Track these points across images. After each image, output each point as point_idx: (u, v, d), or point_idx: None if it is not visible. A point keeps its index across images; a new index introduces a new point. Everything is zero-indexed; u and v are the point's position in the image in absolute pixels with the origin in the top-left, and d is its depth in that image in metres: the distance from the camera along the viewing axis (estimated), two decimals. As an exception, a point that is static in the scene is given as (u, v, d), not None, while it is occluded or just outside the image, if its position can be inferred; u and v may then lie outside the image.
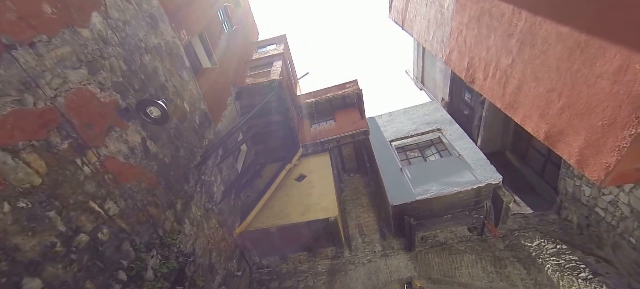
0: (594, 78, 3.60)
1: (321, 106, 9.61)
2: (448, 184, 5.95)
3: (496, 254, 5.95)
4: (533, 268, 5.52)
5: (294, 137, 8.31)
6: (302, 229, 6.53)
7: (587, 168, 3.95)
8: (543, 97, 4.44)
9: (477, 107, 8.36)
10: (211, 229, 5.14)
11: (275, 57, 9.03)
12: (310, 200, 6.86)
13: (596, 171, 3.80)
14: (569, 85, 3.99)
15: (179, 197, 4.23)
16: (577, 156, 4.04)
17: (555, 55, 4.14)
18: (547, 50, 4.29)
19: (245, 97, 7.39)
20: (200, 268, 4.58)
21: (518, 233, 6.20)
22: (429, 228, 6.64)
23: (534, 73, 4.56)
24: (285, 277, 6.65)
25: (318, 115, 9.62)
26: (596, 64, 3.57)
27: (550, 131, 4.37)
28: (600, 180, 3.73)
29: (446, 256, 6.18)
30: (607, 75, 3.40)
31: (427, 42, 8.70)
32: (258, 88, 7.30)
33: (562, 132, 4.19)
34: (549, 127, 4.39)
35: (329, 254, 6.91)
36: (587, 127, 3.79)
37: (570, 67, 3.94)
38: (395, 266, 6.32)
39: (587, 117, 3.77)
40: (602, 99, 3.54)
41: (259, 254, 7.06)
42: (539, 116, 4.57)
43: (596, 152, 3.70)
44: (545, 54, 4.34)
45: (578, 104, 3.89)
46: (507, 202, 5.54)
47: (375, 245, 6.84)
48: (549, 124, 4.39)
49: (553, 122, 4.31)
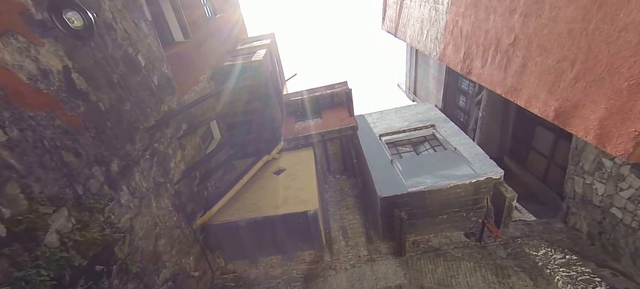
0: (616, 33, 3.10)
1: (307, 104, 9.04)
2: (444, 177, 5.26)
3: (498, 262, 5.15)
4: (541, 279, 4.73)
5: (275, 129, 7.61)
6: (276, 224, 5.64)
7: (609, 143, 3.35)
8: (552, 70, 3.94)
9: (472, 110, 7.92)
10: (162, 210, 4.24)
11: (260, 47, 8.57)
12: (287, 193, 6.02)
13: (622, 144, 3.20)
14: (585, 49, 3.49)
15: (116, 155, 3.40)
16: (596, 130, 3.46)
17: (567, 19, 3.69)
18: (556, 16, 3.84)
19: (222, 78, 6.74)
20: (140, 252, 3.64)
21: (521, 240, 5.46)
22: (421, 230, 5.83)
23: (541, 46, 4.09)
24: (253, 283, 5.62)
25: (304, 113, 9.01)
26: (619, 15, 3.09)
27: (562, 107, 3.82)
28: (627, 154, 3.11)
29: (441, 262, 5.33)
30: (634, 25, 2.93)
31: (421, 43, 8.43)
32: (236, 69, 6.70)
33: (576, 106, 3.64)
34: (559, 103, 3.85)
35: (307, 258, 5.95)
36: (609, 93, 3.24)
37: (585, 28, 3.47)
38: (382, 273, 5.41)
39: (609, 81, 3.23)
40: (628, 55, 3.02)
41: (224, 256, 6.04)
42: (547, 92, 4.04)
43: (621, 120, 3.12)
44: (554, 21, 3.89)
45: (596, 68, 3.37)
46: (510, 199, 4.86)
47: (360, 249, 5.95)
48: (560, 99, 3.85)
49: (565, 96, 3.77)
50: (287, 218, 5.56)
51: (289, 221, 5.59)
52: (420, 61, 10.58)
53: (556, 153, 5.60)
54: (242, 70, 6.70)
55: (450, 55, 6.66)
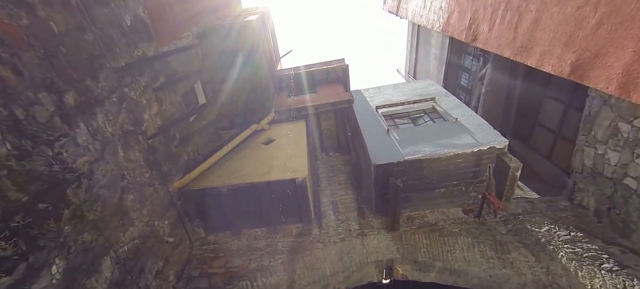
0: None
1: (302, 79, 8.61)
2: (443, 146, 4.89)
3: (497, 238, 4.80)
4: (543, 255, 4.38)
5: (266, 99, 7.19)
6: (261, 192, 5.24)
7: (636, 90, 3.01)
8: (570, 20, 3.53)
9: (474, 88, 7.55)
10: (131, 162, 3.82)
11: (252, 14, 8.10)
12: (275, 162, 5.62)
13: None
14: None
15: (73, 88, 2.97)
16: (620, 79, 3.04)
17: (589, -40, 3.33)
18: (576, -41, 3.48)
19: (210, 39, 6.28)
20: (101, 202, 3.23)
21: (522, 217, 5.11)
22: (417, 205, 5.46)
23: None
24: (234, 255, 5.24)
25: (298, 88, 8.57)
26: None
27: (580, 59, 3.42)
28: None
29: (436, 238, 4.97)
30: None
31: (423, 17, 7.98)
32: (224, 28, 6.24)
33: (596, 56, 3.23)
34: (577, 56, 3.44)
35: (294, 232, 5.57)
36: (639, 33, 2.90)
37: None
38: (373, 247, 5.04)
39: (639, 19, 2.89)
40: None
41: (204, 226, 5.65)
42: (563, 46, 3.64)
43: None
44: (574, -36, 3.54)
45: (624, 8, 3.00)
46: (514, 169, 4.49)
47: (351, 223, 5.58)
48: (578, 50, 3.43)
49: (584, 46, 3.37)
50: (274, 185, 5.16)
51: (276, 189, 5.19)
52: (422, 42, 10.17)
53: (564, 126, 5.23)
54: (232, 31, 6.25)
55: (454, 24, 6.24)
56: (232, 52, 6.32)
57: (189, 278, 4.91)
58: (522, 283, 4.26)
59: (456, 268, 4.59)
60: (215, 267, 5.06)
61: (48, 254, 2.61)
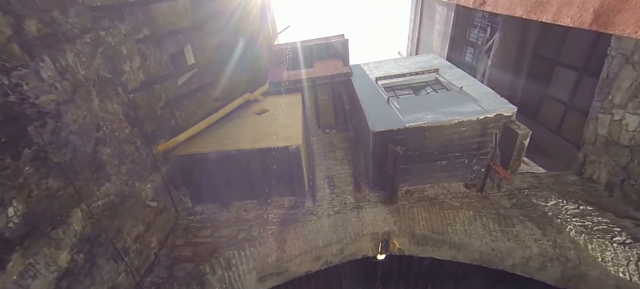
0: None
1: (299, 53, 8.27)
2: (447, 114, 4.58)
3: (501, 212, 4.52)
4: (550, 228, 4.11)
5: (260, 70, 6.86)
6: (252, 160, 4.96)
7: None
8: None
9: (480, 63, 7.22)
10: (109, 113, 3.52)
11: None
12: (268, 130, 5.33)
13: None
14: None
15: (35, 15, 2.66)
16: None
17: None
18: None
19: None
20: (70, 148, 2.94)
21: (528, 191, 4.83)
22: (416, 179, 5.18)
23: None
24: (222, 225, 4.97)
25: (295, 63, 8.24)
26: None
27: (604, 5, 3.13)
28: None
29: (436, 211, 4.70)
30: None
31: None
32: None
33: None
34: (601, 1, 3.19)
35: (286, 204, 5.30)
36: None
37: None
38: (369, 219, 4.77)
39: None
40: None
41: (191, 196, 5.37)
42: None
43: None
44: None
45: None
46: (522, 137, 4.19)
47: (347, 197, 5.30)
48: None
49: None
50: (266, 153, 4.87)
51: (268, 157, 4.91)
52: (425, 19, 9.80)
53: (577, 96, 4.92)
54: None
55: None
56: (225, 14, 5.98)
57: (173, 246, 4.65)
58: (526, 256, 3.99)
59: (456, 241, 4.32)
60: (201, 236, 4.80)
61: (2, 192, 2.33)
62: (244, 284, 4.23)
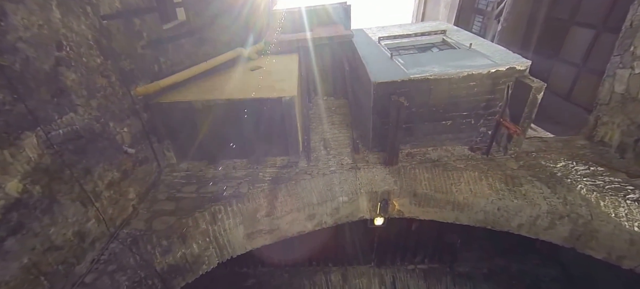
0: None
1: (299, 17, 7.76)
2: (455, 68, 4.24)
3: (508, 173, 4.25)
4: (560, 187, 3.85)
5: (255, 29, 6.39)
6: (242, 114, 4.54)
7: None
8: None
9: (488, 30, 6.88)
10: (73, 33, 3.05)
11: None
12: (261, 83, 4.91)
13: None
14: None
15: None
16: None
17: None
18: None
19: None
20: (19, 57, 2.48)
21: (536, 154, 4.57)
22: (419, 140, 4.86)
23: None
24: (208, 182, 4.57)
25: (294, 27, 7.74)
26: None
27: None
28: None
29: (439, 172, 4.40)
30: None
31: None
32: None
33: None
34: None
35: (278, 163, 4.93)
36: None
37: None
38: (368, 179, 4.44)
39: None
40: None
41: (176, 153, 4.94)
42: None
43: None
44: None
45: None
46: (536, 90, 3.88)
47: (344, 158, 4.95)
48: None
49: None
50: (257, 104, 4.46)
51: (259, 109, 4.50)
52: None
53: (592, 56, 4.64)
54: None
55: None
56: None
57: (153, 201, 4.24)
58: (535, 214, 3.73)
59: (460, 200, 4.03)
60: (186, 192, 4.40)
61: None
62: (229, 240, 3.87)
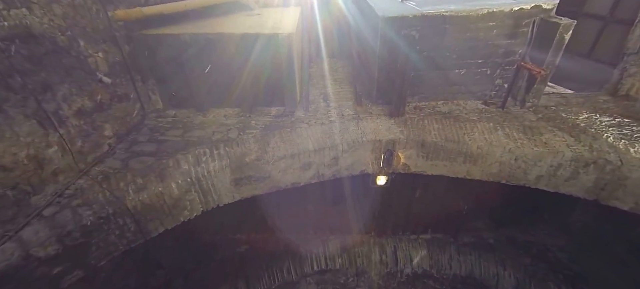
0: None
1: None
2: (474, 4, 3.81)
3: (526, 124, 3.87)
4: (584, 136, 3.47)
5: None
6: (234, 52, 4.10)
7: None
8: None
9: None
10: None
11: None
12: (257, 23, 4.46)
13: None
14: None
15: None
16: None
17: None
18: None
19: None
20: None
21: (555, 108, 4.19)
22: (428, 92, 4.45)
23: None
24: (196, 127, 4.16)
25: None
26: None
27: None
28: None
29: (450, 123, 4.00)
30: None
31: None
32: None
33: None
34: None
35: (273, 113, 4.51)
36: None
37: None
38: (371, 128, 4.04)
39: None
40: None
41: (162, 96, 4.51)
42: None
43: None
44: None
45: None
46: (564, 28, 3.47)
47: (345, 110, 4.54)
48: None
49: None
50: (251, 42, 4.02)
51: (253, 48, 4.05)
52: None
53: (621, 4, 4.23)
54: None
55: None
56: None
57: (134, 142, 3.82)
58: (557, 163, 3.35)
59: (473, 150, 3.64)
60: (170, 136, 3.98)
61: None
62: (214, 183, 3.47)
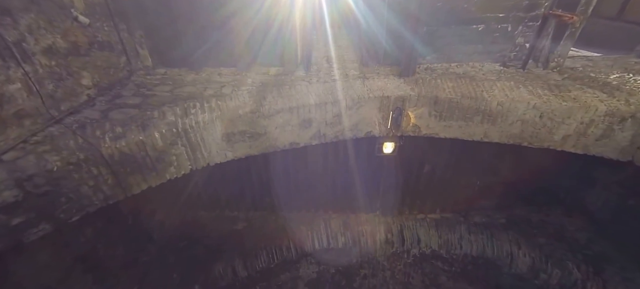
0: None
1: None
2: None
3: (551, 82, 3.49)
4: (618, 92, 3.10)
5: None
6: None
7: None
8: None
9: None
10: None
11: None
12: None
13: None
14: None
15: None
16: None
17: None
18: None
19: None
20: None
21: (582, 69, 3.80)
22: (440, 53, 4.06)
23: None
24: (187, 84, 3.80)
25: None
26: None
27: None
28: None
29: (466, 82, 3.62)
30: None
31: None
32: None
33: None
34: None
35: (271, 72, 4.14)
36: None
37: None
38: (378, 86, 3.67)
39: None
40: None
41: (152, 52, 4.15)
42: None
43: None
44: None
45: None
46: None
47: (350, 70, 4.17)
48: None
49: None
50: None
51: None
52: None
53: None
54: None
55: None
56: None
57: (117, 96, 3.47)
58: (588, 119, 2.98)
59: (493, 107, 3.27)
60: (157, 91, 3.62)
61: None
62: (203, 137, 3.12)
